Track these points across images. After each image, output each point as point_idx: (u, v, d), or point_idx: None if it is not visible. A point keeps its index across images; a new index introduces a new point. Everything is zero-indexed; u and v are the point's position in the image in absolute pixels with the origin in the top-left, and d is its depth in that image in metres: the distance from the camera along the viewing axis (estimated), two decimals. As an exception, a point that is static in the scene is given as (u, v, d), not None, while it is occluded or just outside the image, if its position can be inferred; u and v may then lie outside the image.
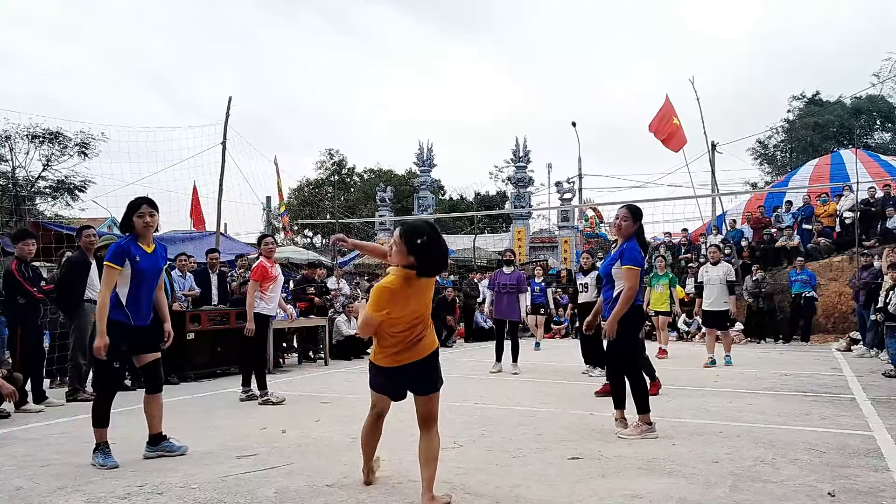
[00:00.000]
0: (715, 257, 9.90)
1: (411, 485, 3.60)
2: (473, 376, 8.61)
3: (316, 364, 10.61)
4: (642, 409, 4.80)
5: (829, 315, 14.30)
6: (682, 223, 19.05)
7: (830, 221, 15.84)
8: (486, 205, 38.32)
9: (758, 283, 13.97)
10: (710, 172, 17.76)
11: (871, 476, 3.71)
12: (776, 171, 34.50)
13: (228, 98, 13.92)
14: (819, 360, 10.26)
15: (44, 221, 15.93)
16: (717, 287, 9.54)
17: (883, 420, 5.33)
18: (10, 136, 24.88)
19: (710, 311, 9.61)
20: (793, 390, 7.11)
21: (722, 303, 9.51)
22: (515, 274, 9.20)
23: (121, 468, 3.99)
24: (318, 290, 11.42)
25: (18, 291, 6.36)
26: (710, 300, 9.60)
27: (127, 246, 4.16)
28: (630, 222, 4.91)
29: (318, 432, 5.05)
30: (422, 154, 28.20)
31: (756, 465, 3.98)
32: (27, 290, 6.37)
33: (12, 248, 6.99)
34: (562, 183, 26.28)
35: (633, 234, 4.92)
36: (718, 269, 9.65)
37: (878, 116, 34.71)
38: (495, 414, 5.81)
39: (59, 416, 5.86)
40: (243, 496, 3.42)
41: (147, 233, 4.26)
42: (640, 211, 5.04)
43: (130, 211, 4.25)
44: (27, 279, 6.41)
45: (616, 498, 3.37)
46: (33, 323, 6.50)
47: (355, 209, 37.04)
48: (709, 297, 9.61)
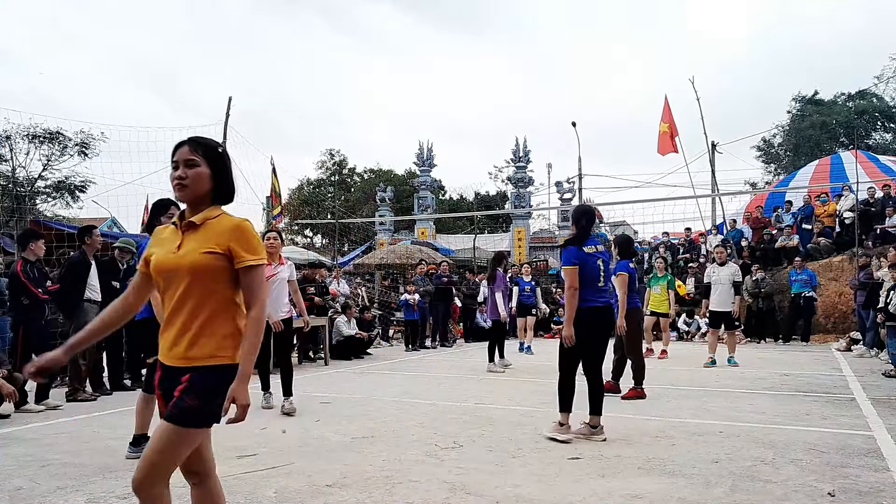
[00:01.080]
0: (722, 258, 9.91)
1: (411, 485, 3.60)
2: (473, 376, 8.62)
3: (316, 364, 10.61)
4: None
5: (829, 315, 14.30)
6: (683, 223, 19.03)
7: (830, 221, 15.84)
8: (486, 205, 38.28)
9: (758, 283, 13.97)
10: (710, 172, 17.78)
11: (871, 476, 3.71)
12: (781, 171, 34.49)
13: (228, 98, 13.94)
14: (819, 360, 10.26)
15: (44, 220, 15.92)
16: (724, 287, 9.55)
17: (883, 420, 5.33)
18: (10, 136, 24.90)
19: (717, 312, 9.62)
20: (793, 390, 7.11)
21: (728, 303, 9.52)
22: (496, 275, 9.69)
23: (120, 468, 3.99)
24: (318, 291, 11.43)
25: (23, 292, 6.37)
26: (716, 301, 9.61)
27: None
28: (571, 223, 5.04)
29: (318, 432, 5.05)
30: (422, 154, 28.19)
31: (756, 465, 3.98)
32: (31, 291, 6.37)
33: (12, 248, 6.99)
34: (562, 183, 26.26)
35: (571, 236, 4.96)
36: (726, 269, 9.67)
37: (879, 117, 34.72)
38: (495, 414, 5.81)
39: (59, 417, 5.86)
40: (243, 496, 3.42)
41: None
42: (577, 212, 5.09)
43: (159, 211, 4.37)
44: (32, 279, 6.41)
45: (616, 498, 3.37)
46: (37, 323, 6.50)
47: (355, 209, 37.02)
48: (715, 297, 9.62)
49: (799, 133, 34.19)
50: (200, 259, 2.11)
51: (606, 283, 4.94)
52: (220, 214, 2.22)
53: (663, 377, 8.03)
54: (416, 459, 4.17)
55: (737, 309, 9.70)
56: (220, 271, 2.14)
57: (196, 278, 2.12)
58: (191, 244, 2.14)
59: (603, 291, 4.88)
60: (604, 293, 4.89)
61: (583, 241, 4.87)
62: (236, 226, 2.17)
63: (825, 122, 33.66)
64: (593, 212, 5.26)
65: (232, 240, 2.14)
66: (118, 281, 7.20)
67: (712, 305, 9.67)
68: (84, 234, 7.05)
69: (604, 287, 4.89)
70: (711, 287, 9.71)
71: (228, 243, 2.14)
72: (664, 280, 10.54)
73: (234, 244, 2.14)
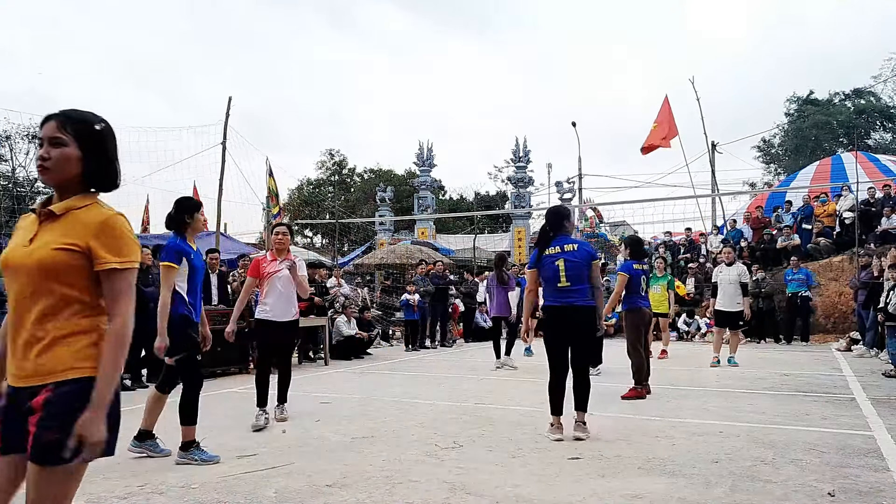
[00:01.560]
0: (729, 258, 9.92)
1: (411, 485, 3.60)
2: (473, 376, 8.62)
3: (316, 364, 10.60)
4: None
5: (829, 315, 14.28)
6: (683, 223, 19.03)
7: (830, 221, 15.84)
8: (486, 205, 38.27)
9: (758, 283, 13.97)
10: (710, 172, 17.79)
11: (871, 476, 3.71)
12: (782, 171, 34.50)
13: (228, 98, 13.92)
14: (819, 360, 10.25)
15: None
16: (731, 287, 9.57)
17: (883, 420, 5.33)
18: (10, 136, 24.91)
19: (723, 312, 9.62)
20: (793, 390, 7.11)
21: (735, 304, 9.54)
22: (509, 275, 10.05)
23: (120, 468, 3.99)
24: (318, 290, 11.42)
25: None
26: (723, 301, 9.62)
27: (181, 244, 4.30)
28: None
29: (318, 432, 5.05)
30: (422, 154, 28.19)
31: (756, 465, 3.98)
32: None
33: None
34: (562, 183, 26.26)
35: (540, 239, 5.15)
36: (733, 269, 9.68)
37: (879, 116, 34.73)
38: (495, 414, 5.81)
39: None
40: (243, 496, 3.42)
41: (197, 232, 4.52)
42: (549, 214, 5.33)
43: (188, 210, 4.42)
44: None
45: (616, 498, 3.37)
46: None
47: (355, 209, 37.02)
48: (722, 297, 9.63)
49: (799, 133, 34.20)
50: (50, 256, 1.76)
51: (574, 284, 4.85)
52: (89, 204, 1.85)
53: (663, 377, 8.02)
54: (416, 459, 4.17)
55: (747, 310, 9.70)
56: (77, 271, 1.79)
57: (45, 278, 1.76)
58: (45, 237, 1.79)
59: (565, 291, 4.84)
60: (566, 293, 4.84)
61: (546, 244, 5.01)
62: (104, 221, 1.81)
63: (824, 122, 33.66)
64: (558, 212, 5.31)
65: (94, 236, 1.79)
66: None
67: (719, 305, 9.67)
68: None
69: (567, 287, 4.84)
70: (718, 287, 9.72)
71: (89, 240, 1.78)
72: (664, 280, 10.55)
73: (96, 242, 1.78)
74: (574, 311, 4.82)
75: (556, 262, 4.87)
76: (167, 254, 4.22)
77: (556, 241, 4.98)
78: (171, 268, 4.18)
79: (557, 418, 4.82)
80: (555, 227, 5.05)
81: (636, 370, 6.77)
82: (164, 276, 4.18)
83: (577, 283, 4.84)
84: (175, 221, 4.39)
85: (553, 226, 5.06)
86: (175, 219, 4.39)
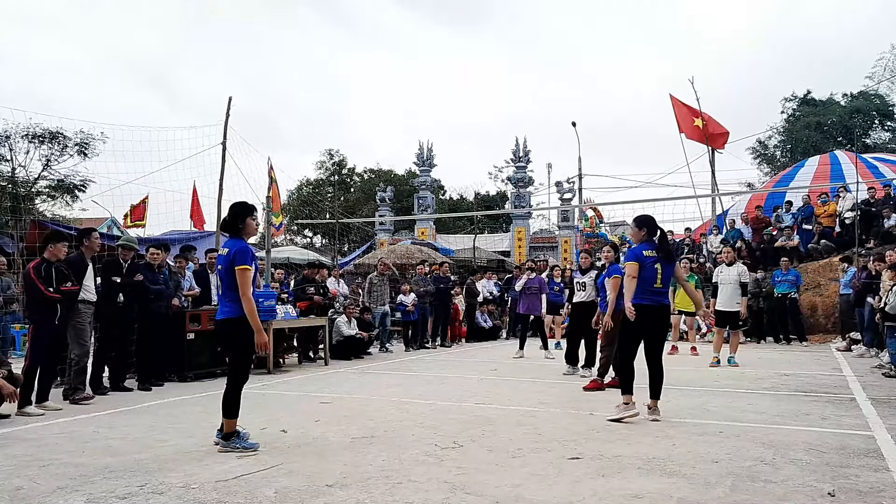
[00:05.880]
0: (730, 258, 9.93)
1: (411, 485, 3.60)
2: (473, 376, 8.61)
3: (316, 364, 10.60)
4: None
5: (829, 315, 14.27)
6: (683, 223, 19.04)
7: (830, 222, 15.83)
8: (486, 205, 38.28)
9: (758, 282, 13.96)
10: (710, 172, 17.77)
11: (871, 476, 3.71)
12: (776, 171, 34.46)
13: (228, 98, 13.92)
14: (819, 360, 10.26)
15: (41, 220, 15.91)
16: (731, 287, 9.59)
17: (883, 420, 5.33)
18: (10, 135, 24.88)
19: (724, 312, 9.64)
20: (793, 390, 7.11)
21: (735, 303, 9.56)
22: (538, 278, 11.40)
23: (120, 468, 3.99)
24: (318, 290, 11.43)
25: (33, 290, 6.37)
26: (723, 300, 9.64)
27: (249, 247, 4.51)
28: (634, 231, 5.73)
29: (318, 432, 5.05)
30: (422, 154, 28.21)
31: (756, 465, 3.98)
32: (38, 290, 6.36)
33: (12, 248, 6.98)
34: (562, 183, 26.30)
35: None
36: (733, 269, 9.70)
37: (876, 115, 34.66)
38: (495, 414, 5.81)
39: (59, 417, 5.86)
40: (243, 496, 3.42)
41: (250, 235, 4.69)
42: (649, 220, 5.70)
43: (244, 213, 4.58)
44: (43, 278, 6.40)
45: (616, 498, 3.37)
46: (48, 322, 6.46)
47: (355, 209, 37.01)
48: (723, 297, 9.66)
49: (794, 134, 34.17)
50: None
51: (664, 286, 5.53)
52: None
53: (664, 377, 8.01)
54: (416, 459, 4.17)
55: (743, 310, 9.72)
56: None
57: None
58: None
59: (658, 292, 5.47)
60: (658, 294, 5.47)
61: (650, 247, 5.50)
62: None
63: (820, 122, 33.60)
64: (654, 220, 5.72)
65: None
66: (119, 276, 7.39)
67: (719, 305, 9.69)
68: (83, 236, 7.17)
69: (660, 288, 5.47)
70: (719, 287, 9.74)
71: None
72: (691, 280, 10.53)
73: None
74: (665, 310, 5.60)
75: (654, 264, 5.42)
76: (243, 257, 4.41)
77: (651, 245, 5.53)
78: (248, 270, 4.39)
79: (629, 397, 5.45)
80: (651, 234, 5.57)
81: (604, 363, 7.27)
82: (244, 279, 4.37)
83: (667, 286, 5.57)
84: (230, 226, 4.58)
85: (651, 232, 5.57)
86: (230, 223, 4.58)
